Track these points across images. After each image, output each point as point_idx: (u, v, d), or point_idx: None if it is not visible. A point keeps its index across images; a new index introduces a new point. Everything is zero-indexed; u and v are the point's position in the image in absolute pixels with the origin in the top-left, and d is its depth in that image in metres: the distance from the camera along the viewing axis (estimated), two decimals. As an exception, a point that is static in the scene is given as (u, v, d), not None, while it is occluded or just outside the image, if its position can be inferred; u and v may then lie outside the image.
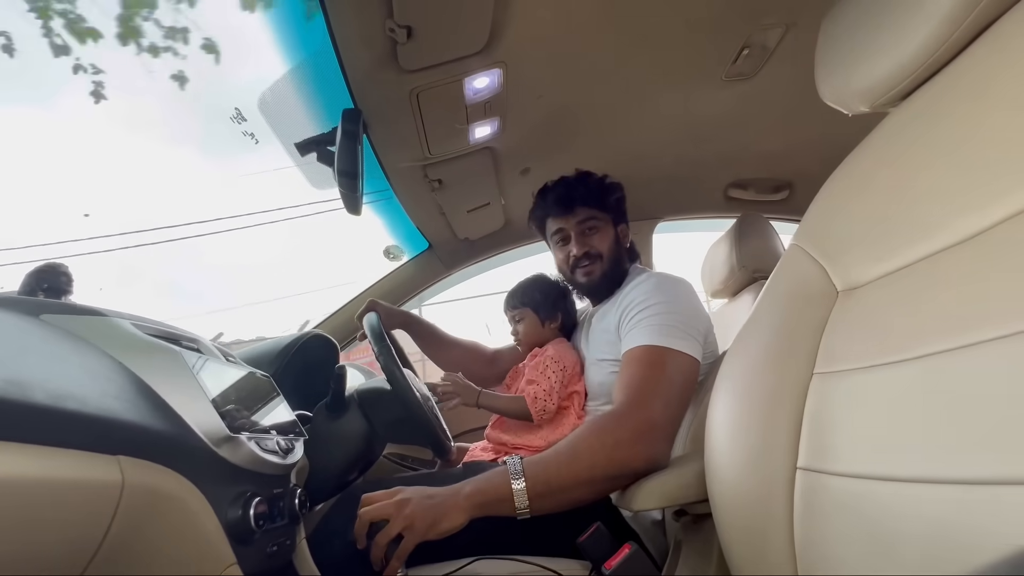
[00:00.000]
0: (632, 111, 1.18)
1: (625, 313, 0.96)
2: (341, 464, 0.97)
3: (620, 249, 1.12)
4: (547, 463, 0.74)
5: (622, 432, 0.76)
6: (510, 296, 1.21)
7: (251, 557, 0.53)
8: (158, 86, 13.87)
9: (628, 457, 0.74)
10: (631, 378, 0.84)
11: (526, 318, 1.17)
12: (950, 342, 0.36)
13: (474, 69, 0.89)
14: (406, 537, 0.67)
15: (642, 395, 0.80)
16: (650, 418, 0.77)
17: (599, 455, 0.74)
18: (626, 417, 0.78)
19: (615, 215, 1.12)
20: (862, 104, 0.53)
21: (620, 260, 1.11)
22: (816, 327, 0.50)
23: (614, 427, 0.77)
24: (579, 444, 0.76)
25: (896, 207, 0.46)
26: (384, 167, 1.12)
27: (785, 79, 1.08)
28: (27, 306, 0.50)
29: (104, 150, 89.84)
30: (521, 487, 0.71)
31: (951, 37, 0.43)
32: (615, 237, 1.11)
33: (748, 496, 0.50)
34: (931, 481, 0.34)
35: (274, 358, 1.01)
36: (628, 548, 0.66)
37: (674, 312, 0.90)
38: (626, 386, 0.83)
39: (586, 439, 0.76)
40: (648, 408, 0.78)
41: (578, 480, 0.73)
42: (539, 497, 0.72)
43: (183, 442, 0.47)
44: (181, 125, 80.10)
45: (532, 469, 0.73)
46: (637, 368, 0.85)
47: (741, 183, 1.56)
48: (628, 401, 0.80)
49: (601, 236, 1.09)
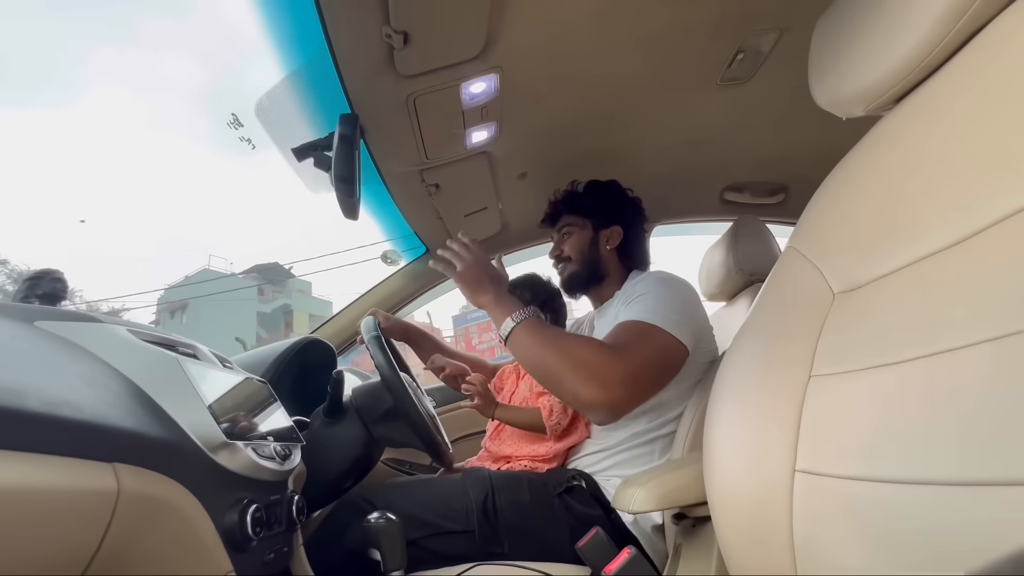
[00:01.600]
0: (627, 115, 1.19)
1: (623, 303, 0.97)
2: (339, 470, 0.96)
3: (596, 250, 1.13)
4: (539, 332, 0.86)
5: (598, 360, 0.81)
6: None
7: (248, 564, 0.53)
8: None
9: (581, 384, 0.79)
10: (621, 337, 0.87)
11: None
12: (947, 343, 0.36)
13: (471, 74, 0.90)
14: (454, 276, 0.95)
15: (626, 348, 0.84)
16: (621, 371, 0.81)
17: (568, 360, 0.81)
18: (608, 352, 0.83)
19: (597, 218, 1.14)
20: (856, 108, 0.54)
21: (596, 261, 1.13)
22: (813, 330, 0.50)
23: (595, 353, 0.83)
24: (568, 341, 0.86)
25: (891, 210, 0.47)
26: (381, 172, 1.12)
27: (780, 83, 1.09)
28: (22, 313, 0.50)
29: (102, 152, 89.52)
30: (509, 328, 0.86)
31: (943, 40, 0.43)
32: (591, 239, 1.13)
33: (747, 499, 0.50)
34: (929, 483, 0.34)
35: (271, 364, 1.01)
36: (628, 553, 0.66)
37: (669, 301, 0.91)
38: (614, 339, 0.87)
39: (576, 343, 0.85)
40: (622, 361, 0.81)
41: (542, 359, 0.84)
42: (515, 339, 0.86)
43: (179, 449, 0.47)
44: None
45: (530, 324, 0.86)
46: (626, 332, 0.88)
47: (737, 186, 1.57)
48: (612, 345, 0.85)
49: (573, 240, 1.14)
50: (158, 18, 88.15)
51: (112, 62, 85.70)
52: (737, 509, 0.51)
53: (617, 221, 1.14)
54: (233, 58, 75.09)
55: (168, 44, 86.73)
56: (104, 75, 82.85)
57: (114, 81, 70.22)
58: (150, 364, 0.53)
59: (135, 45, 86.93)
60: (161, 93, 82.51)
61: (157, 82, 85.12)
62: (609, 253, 1.13)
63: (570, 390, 0.81)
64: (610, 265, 1.13)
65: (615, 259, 1.14)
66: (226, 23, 77.40)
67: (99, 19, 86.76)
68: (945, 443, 0.34)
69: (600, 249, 1.13)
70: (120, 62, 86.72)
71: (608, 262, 1.13)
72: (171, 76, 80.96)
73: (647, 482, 0.70)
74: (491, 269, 0.96)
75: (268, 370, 0.99)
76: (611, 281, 1.13)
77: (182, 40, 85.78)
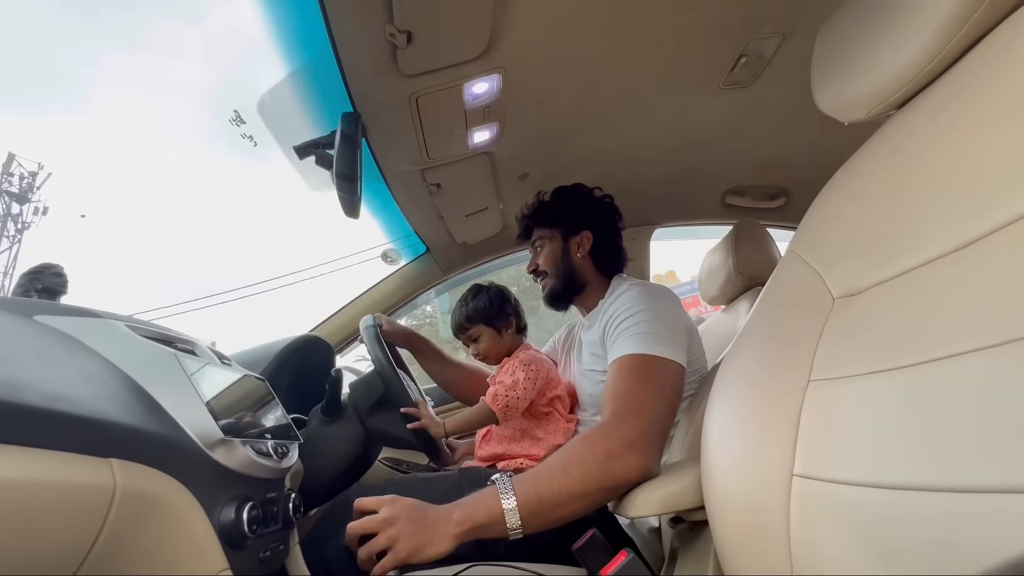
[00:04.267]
0: (630, 118, 1.19)
1: (610, 323, 0.95)
2: (336, 468, 0.96)
3: (568, 260, 1.11)
4: (538, 480, 0.73)
5: (613, 443, 0.74)
6: (455, 321, 1.17)
7: (244, 562, 0.52)
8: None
9: (621, 468, 0.73)
10: (619, 388, 0.83)
11: (482, 333, 1.13)
12: (946, 350, 0.36)
13: (473, 74, 0.90)
14: (388, 557, 0.66)
15: (631, 405, 0.79)
16: (641, 428, 0.76)
17: (591, 468, 0.72)
18: (616, 428, 0.77)
19: (565, 227, 1.12)
20: (858, 112, 0.54)
21: (570, 270, 1.10)
22: (812, 334, 0.50)
23: (604, 439, 0.75)
24: (570, 458, 0.74)
25: (892, 215, 0.47)
26: (383, 171, 1.13)
27: (782, 87, 1.09)
28: (21, 307, 0.50)
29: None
30: (512, 506, 0.70)
31: (947, 46, 0.43)
32: (562, 249, 1.11)
33: (744, 503, 0.50)
34: (927, 489, 0.34)
35: (270, 361, 1.01)
36: (624, 555, 0.66)
37: (657, 319, 0.89)
38: (614, 396, 0.82)
39: (577, 453, 0.75)
40: (638, 418, 0.77)
41: (571, 495, 0.72)
42: (531, 515, 0.70)
43: (176, 445, 0.47)
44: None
45: (522, 487, 0.71)
46: (625, 378, 0.84)
47: (738, 190, 1.57)
48: (617, 412, 0.79)
49: (546, 253, 1.13)
50: (160, 18, 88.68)
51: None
52: (734, 513, 0.51)
53: (585, 226, 1.11)
54: (237, 55, 75.34)
55: (173, 43, 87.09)
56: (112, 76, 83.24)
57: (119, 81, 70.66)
58: (148, 360, 0.53)
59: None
60: (165, 94, 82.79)
61: (160, 82, 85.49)
62: (582, 260, 1.10)
63: (617, 487, 0.73)
64: (586, 272, 1.11)
65: (590, 265, 1.11)
66: (230, 21, 77.85)
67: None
68: (943, 449, 0.34)
69: (572, 258, 1.11)
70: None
71: (583, 270, 1.11)
72: (176, 75, 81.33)
73: (644, 487, 0.70)
74: (409, 507, 0.71)
75: (266, 368, 0.99)
76: (592, 289, 1.10)
77: (186, 38, 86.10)
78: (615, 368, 0.87)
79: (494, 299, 1.15)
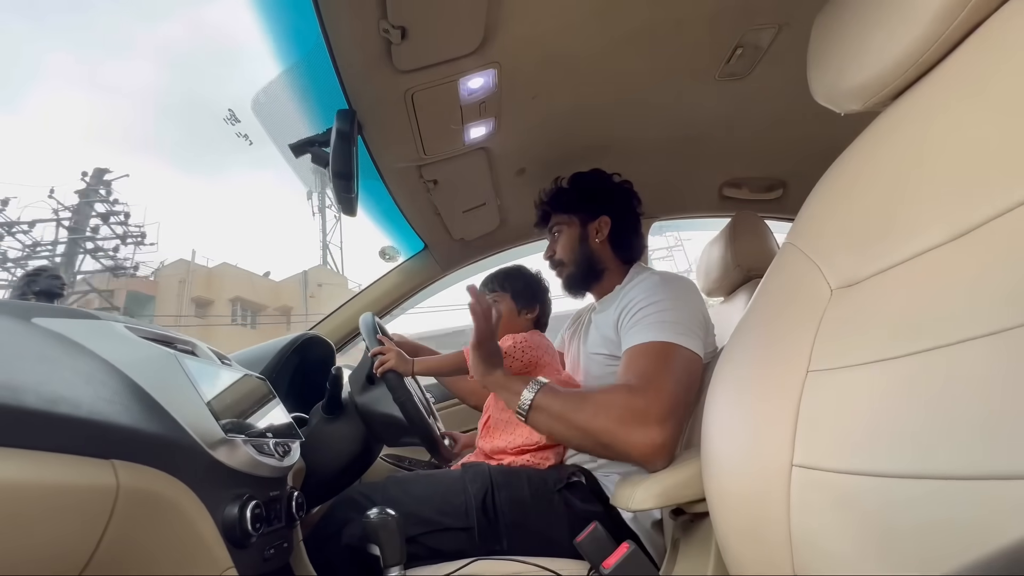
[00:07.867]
0: (626, 110, 1.18)
1: (626, 310, 0.94)
2: (338, 466, 0.97)
3: (587, 246, 1.10)
4: (561, 395, 0.83)
5: (633, 405, 0.77)
6: (490, 279, 1.20)
7: (248, 560, 0.53)
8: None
9: (626, 436, 0.75)
10: (642, 368, 0.82)
11: (503, 302, 1.16)
12: (943, 338, 0.36)
13: (469, 69, 0.89)
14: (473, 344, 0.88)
15: (655, 381, 0.79)
16: (661, 404, 0.76)
17: (602, 417, 0.77)
18: (639, 393, 0.78)
19: (583, 212, 1.11)
20: (854, 103, 0.54)
21: (588, 256, 1.10)
22: (811, 325, 0.50)
23: (627, 398, 0.78)
24: (594, 397, 0.81)
25: (889, 205, 0.47)
26: (379, 168, 1.12)
27: (778, 78, 1.09)
28: (19, 309, 0.50)
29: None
30: (530, 396, 0.82)
31: (942, 36, 0.43)
32: (579, 236, 1.11)
33: (744, 494, 0.50)
34: (926, 477, 0.34)
35: (270, 360, 1.01)
36: (626, 548, 0.67)
37: (677, 309, 0.89)
38: (638, 374, 0.82)
39: (603, 396, 0.81)
40: (660, 393, 0.77)
41: (574, 424, 0.79)
42: (537, 410, 0.82)
43: (178, 445, 0.47)
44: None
45: (547, 391, 0.83)
46: (645, 360, 0.83)
47: (735, 182, 1.57)
48: (641, 383, 0.79)
49: (564, 239, 1.13)
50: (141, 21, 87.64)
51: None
52: (734, 504, 0.52)
53: (604, 211, 1.10)
54: (228, 53, 74.60)
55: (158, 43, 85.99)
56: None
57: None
58: (148, 361, 0.53)
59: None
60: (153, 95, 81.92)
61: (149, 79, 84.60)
62: (601, 245, 1.10)
63: (617, 447, 0.77)
64: (605, 258, 1.10)
65: (608, 251, 1.10)
66: (222, 18, 76.79)
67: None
68: (942, 437, 0.34)
69: (590, 243, 1.10)
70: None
71: (602, 255, 1.10)
72: (162, 73, 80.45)
73: (645, 480, 0.70)
74: (496, 344, 0.92)
75: (267, 367, 0.99)
76: (610, 275, 1.10)
77: (175, 36, 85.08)
78: (634, 352, 0.86)
79: (531, 283, 1.18)
